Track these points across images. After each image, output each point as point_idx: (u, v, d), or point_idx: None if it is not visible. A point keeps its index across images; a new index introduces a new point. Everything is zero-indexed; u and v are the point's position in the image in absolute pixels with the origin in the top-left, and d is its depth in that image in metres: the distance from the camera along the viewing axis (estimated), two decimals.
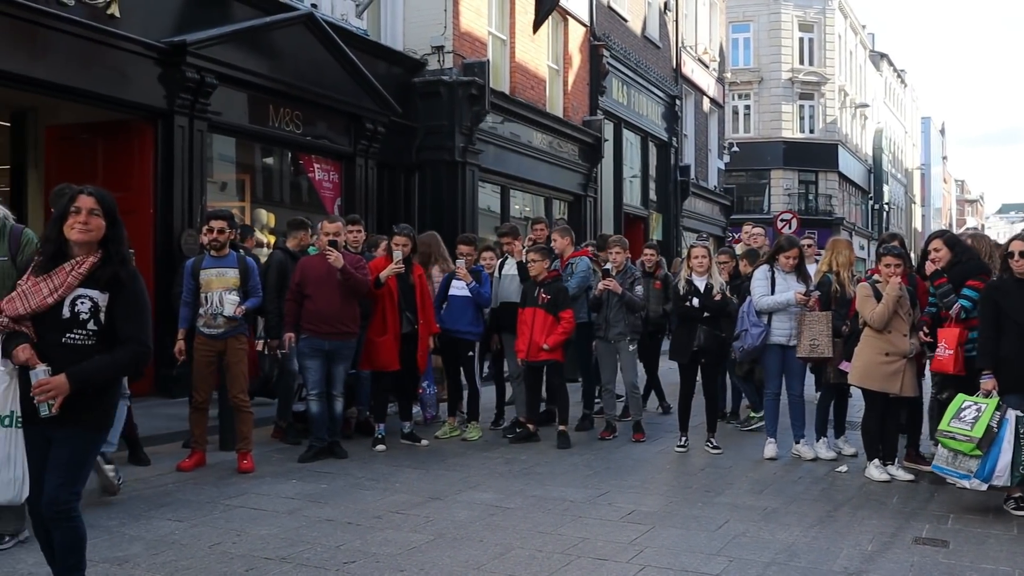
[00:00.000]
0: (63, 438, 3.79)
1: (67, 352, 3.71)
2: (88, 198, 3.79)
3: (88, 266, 3.76)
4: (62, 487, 3.79)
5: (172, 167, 10.62)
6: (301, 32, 12.33)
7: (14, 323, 3.75)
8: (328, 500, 6.48)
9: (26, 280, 3.78)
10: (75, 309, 3.74)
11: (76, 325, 3.74)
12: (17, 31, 9.02)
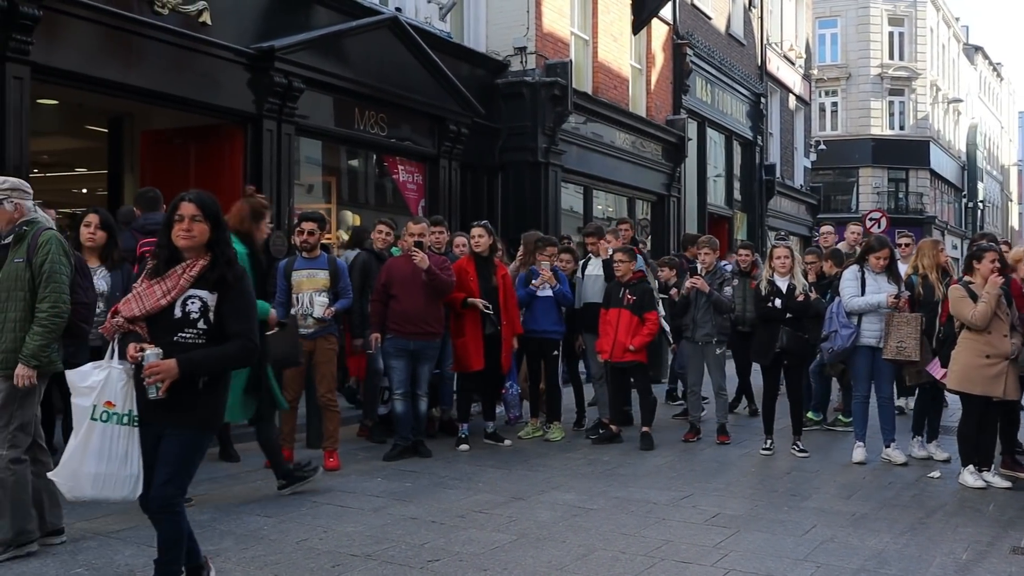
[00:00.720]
0: (173, 435, 3.92)
1: (178, 350, 3.84)
2: (190, 205, 3.91)
3: (198, 268, 3.90)
4: (168, 483, 3.92)
5: (261, 170, 10.84)
6: (385, 36, 12.48)
7: (128, 324, 3.88)
8: (412, 498, 6.55)
9: (140, 283, 3.93)
10: (186, 309, 3.87)
11: (187, 324, 3.87)
12: (115, 41, 9.32)
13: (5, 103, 8.28)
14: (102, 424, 3.96)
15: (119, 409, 3.96)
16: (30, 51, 8.40)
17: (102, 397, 3.97)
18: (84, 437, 3.97)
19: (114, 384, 3.97)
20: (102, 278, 6.49)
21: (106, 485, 3.98)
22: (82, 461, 3.97)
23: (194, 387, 3.90)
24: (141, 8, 9.53)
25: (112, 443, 3.96)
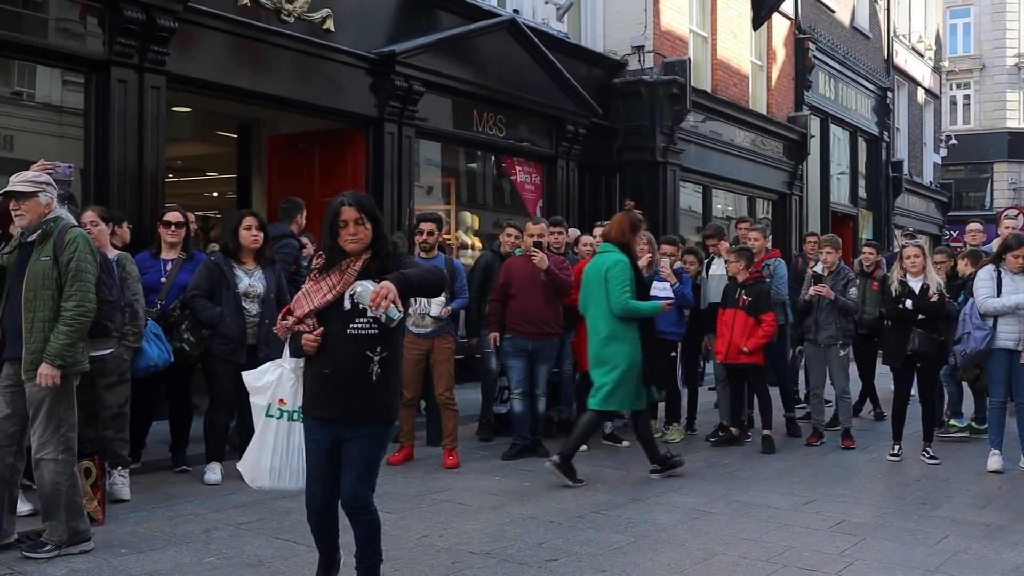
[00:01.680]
0: (356, 436, 4.04)
1: (351, 342, 3.97)
2: (351, 209, 3.99)
3: (361, 263, 4.02)
4: (359, 485, 4.06)
5: (382, 172, 11.07)
6: (504, 38, 12.58)
7: (297, 324, 4.02)
8: (531, 498, 6.58)
9: (307, 282, 4.09)
10: (355, 301, 3.95)
11: (358, 315, 3.96)
12: (244, 49, 9.66)
13: (143, 111, 8.67)
14: (276, 420, 4.18)
15: (290, 406, 4.16)
16: (166, 61, 8.78)
17: (276, 395, 4.18)
18: (261, 432, 4.22)
19: (285, 383, 4.16)
20: (259, 279, 6.71)
21: (281, 477, 4.21)
22: (260, 455, 4.21)
23: (370, 383, 3.99)
24: (269, 17, 9.85)
25: (286, 438, 4.18)
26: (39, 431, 4.95)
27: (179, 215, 7.12)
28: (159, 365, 6.46)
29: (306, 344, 3.97)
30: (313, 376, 4.04)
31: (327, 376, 3.98)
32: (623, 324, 7.02)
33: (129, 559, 4.99)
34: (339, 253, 4.03)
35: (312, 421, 4.08)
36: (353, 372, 3.97)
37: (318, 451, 4.08)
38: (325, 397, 4.00)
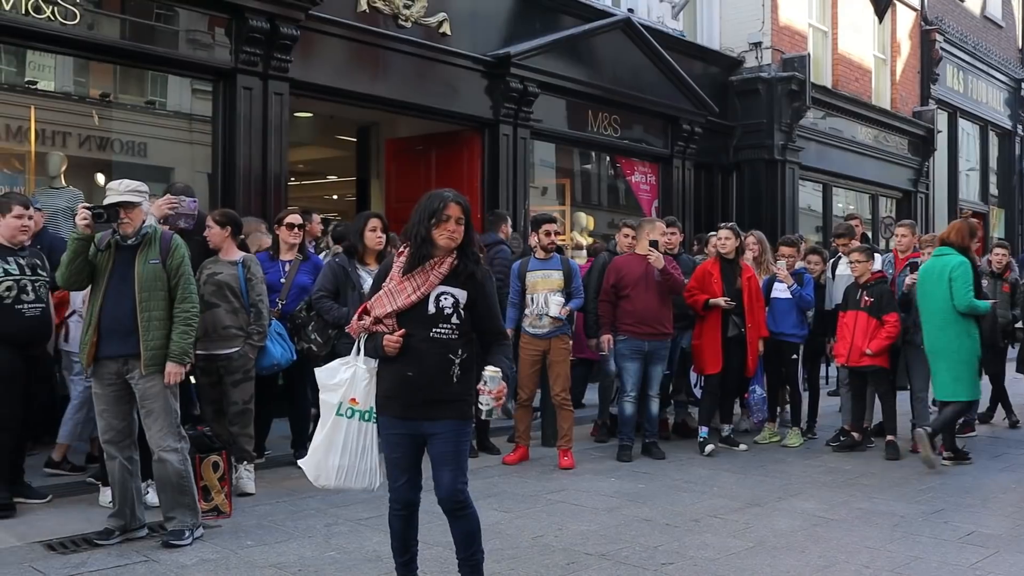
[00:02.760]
0: (443, 432, 4.01)
1: (434, 345, 3.95)
2: (456, 207, 3.97)
3: (447, 266, 3.97)
4: (456, 479, 4.03)
5: (497, 174, 11.17)
6: (618, 37, 12.53)
7: (375, 323, 3.98)
8: (646, 500, 6.53)
9: (390, 280, 4.00)
10: (439, 305, 3.96)
11: (441, 319, 3.95)
12: (362, 54, 9.89)
13: (267, 117, 8.96)
14: (346, 420, 4.11)
15: (361, 406, 4.10)
16: (289, 68, 9.06)
17: (348, 394, 4.11)
18: (330, 431, 4.14)
19: (359, 382, 4.09)
20: None
21: (348, 476, 4.15)
22: (327, 453, 4.14)
23: (452, 384, 3.98)
24: (386, 23, 10.06)
25: (354, 437, 4.12)
26: (158, 424, 5.17)
27: (298, 217, 7.31)
28: (282, 364, 6.65)
29: (388, 346, 3.93)
30: (394, 378, 4.00)
31: (409, 379, 3.96)
32: (963, 320, 7.47)
33: (254, 550, 5.16)
34: (429, 247, 3.96)
35: (390, 417, 4.06)
36: (436, 375, 3.95)
37: (401, 443, 4.06)
38: (406, 398, 3.98)
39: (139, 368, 5.11)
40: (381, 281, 4.06)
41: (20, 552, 5.03)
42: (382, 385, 4.06)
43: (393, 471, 4.10)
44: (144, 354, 5.09)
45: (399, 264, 4.04)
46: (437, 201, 3.98)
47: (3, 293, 5.60)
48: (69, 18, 7.82)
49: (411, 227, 4.02)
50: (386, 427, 4.08)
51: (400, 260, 4.05)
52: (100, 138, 8.94)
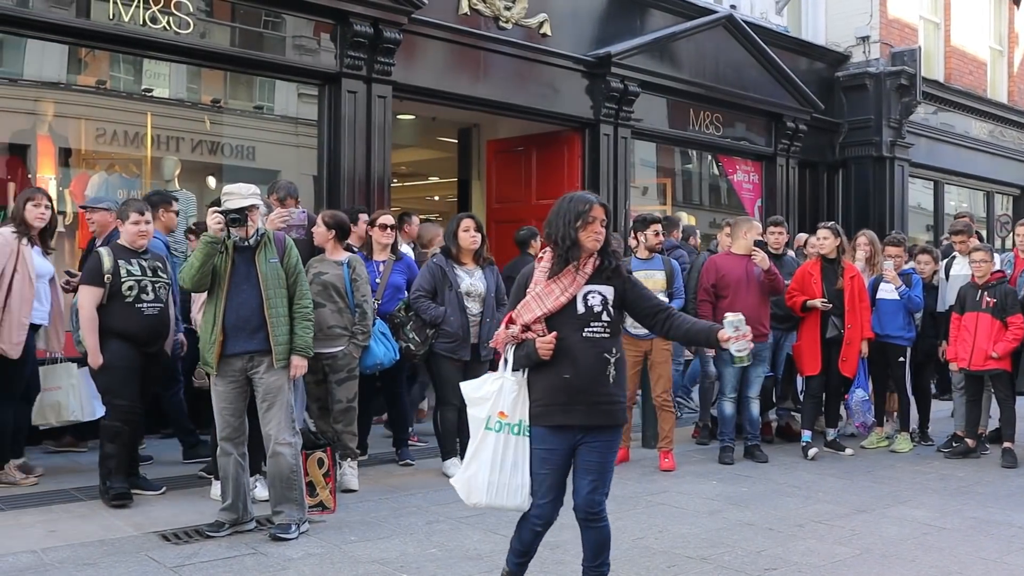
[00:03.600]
0: (593, 441, 3.95)
1: (588, 344, 3.90)
2: (601, 209, 3.96)
3: (591, 266, 3.95)
4: (595, 491, 3.97)
5: (598, 174, 11.14)
6: (720, 34, 12.37)
7: (524, 331, 3.93)
8: (748, 504, 6.43)
9: (534, 285, 3.96)
10: (588, 304, 3.92)
11: (592, 318, 3.91)
12: (464, 56, 9.99)
13: (371, 120, 9.12)
14: (495, 434, 4.00)
15: (510, 419, 3.98)
16: (392, 72, 9.20)
17: (495, 407, 4.00)
18: (479, 446, 4.05)
19: (507, 395, 3.98)
20: (479, 279, 6.92)
21: (499, 493, 4.01)
22: (477, 469, 4.03)
23: (608, 386, 3.92)
24: (487, 25, 10.14)
25: (504, 452, 3.99)
26: (277, 418, 5.32)
27: (390, 218, 7.42)
28: (384, 363, 6.76)
29: (542, 348, 3.85)
30: (550, 382, 3.91)
31: (567, 381, 3.87)
32: None
33: (358, 546, 5.25)
34: (577, 250, 3.91)
35: (545, 431, 3.94)
36: (593, 376, 3.89)
37: (553, 461, 3.95)
38: (565, 404, 3.89)
39: (267, 363, 5.28)
40: (522, 290, 4.03)
41: (137, 541, 5.23)
42: (537, 393, 3.96)
43: (540, 488, 3.98)
44: (275, 349, 5.28)
45: (542, 268, 3.99)
46: (582, 204, 3.95)
47: (125, 293, 5.84)
48: (183, 27, 8.10)
49: (555, 231, 3.96)
50: (539, 441, 3.96)
51: (542, 265, 4.01)
52: (211, 142, 9.24)
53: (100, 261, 5.85)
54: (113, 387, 5.88)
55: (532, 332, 3.92)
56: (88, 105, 8.56)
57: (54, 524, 5.49)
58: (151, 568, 4.77)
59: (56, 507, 5.87)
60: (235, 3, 8.50)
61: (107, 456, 5.90)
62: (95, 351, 5.83)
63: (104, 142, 8.66)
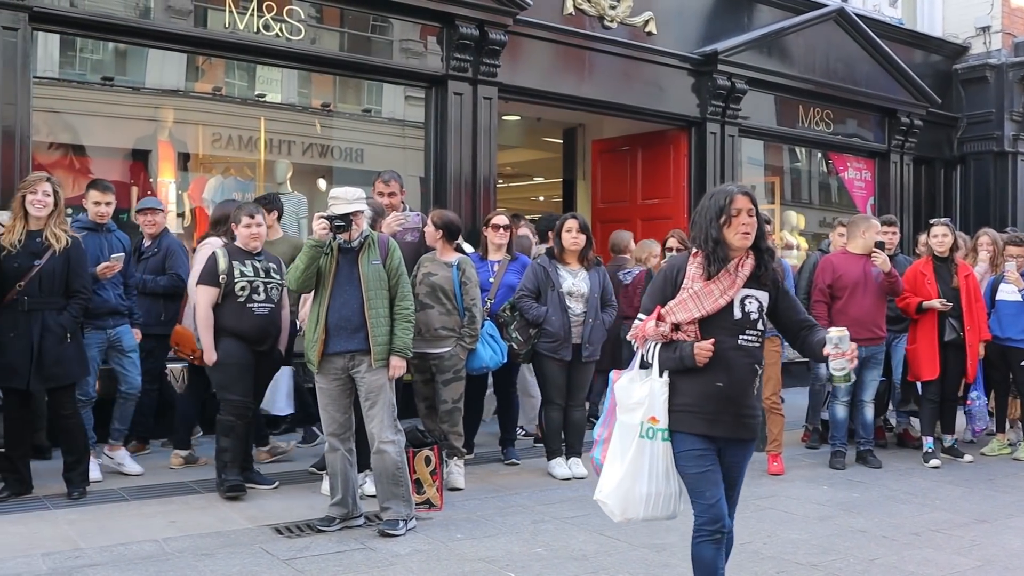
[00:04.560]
0: (738, 455, 3.80)
1: (742, 355, 3.67)
2: (744, 198, 3.65)
3: (749, 267, 3.67)
4: (735, 506, 3.87)
5: (704, 173, 11.01)
6: (831, 28, 12.08)
7: (674, 331, 3.69)
8: (861, 510, 6.26)
9: (692, 282, 3.67)
10: (745, 309, 3.67)
11: (748, 326, 3.67)
12: (569, 56, 9.99)
13: (476, 121, 9.20)
14: (648, 441, 3.72)
15: (662, 424, 3.70)
16: (497, 73, 9.26)
17: (647, 413, 3.72)
18: (634, 456, 3.73)
19: (657, 398, 3.70)
20: (583, 279, 6.91)
21: (655, 505, 3.75)
22: (633, 482, 3.73)
23: (751, 398, 3.73)
24: (592, 24, 10.12)
25: (659, 460, 3.72)
26: (379, 416, 5.42)
27: (504, 218, 7.45)
28: (490, 366, 6.80)
29: (700, 355, 3.60)
30: (700, 389, 3.65)
31: (719, 390, 3.63)
32: None
33: (464, 544, 5.30)
34: (723, 249, 3.63)
35: (687, 434, 3.68)
36: (744, 386, 3.68)
37: (710, 457, 3.71)
38: (712, 413, 3.65)
39: (367, 362, 5.38)
40: (668, 283, 3.75)
41: (251, 533, 5.39)
42: (682, 398, 3.68)
43: (700, 486, 3.70)
44: (374, 349, 5.37)
45: (697, 265, 3.70)
46: (722, 197, 3.66)
47: (238, 293, 6.03)
48: (294, 34, 8.31)
49: (698, 232, 3.71)
50: (688, 443, 3.70)
51: (698, 259, 3.70)
52: (321, 145, 9.46)
53: (216, 262, 6.05)
54: (226, 383, 6.09)
55: (683, 333, 3.67)
56: (205, 111, 8.88)
57: (174, 515, 5.70)
58: (265, 560, 4.91)
59: (176, 499, 6.09)
60: (344, 9, 8.68)
61: (222, 450, 6.09)
62: (210, 348, 6.04)
63: (220, 146, 8.96)
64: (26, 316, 5.80)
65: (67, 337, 5.91)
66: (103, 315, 6.49)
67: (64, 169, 8.06)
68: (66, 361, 5.92)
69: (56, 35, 7.78)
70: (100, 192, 6.59)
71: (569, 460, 7.00)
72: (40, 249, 5.83)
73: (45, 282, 5.83)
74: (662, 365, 3.69)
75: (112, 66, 8.48)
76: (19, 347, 5.78)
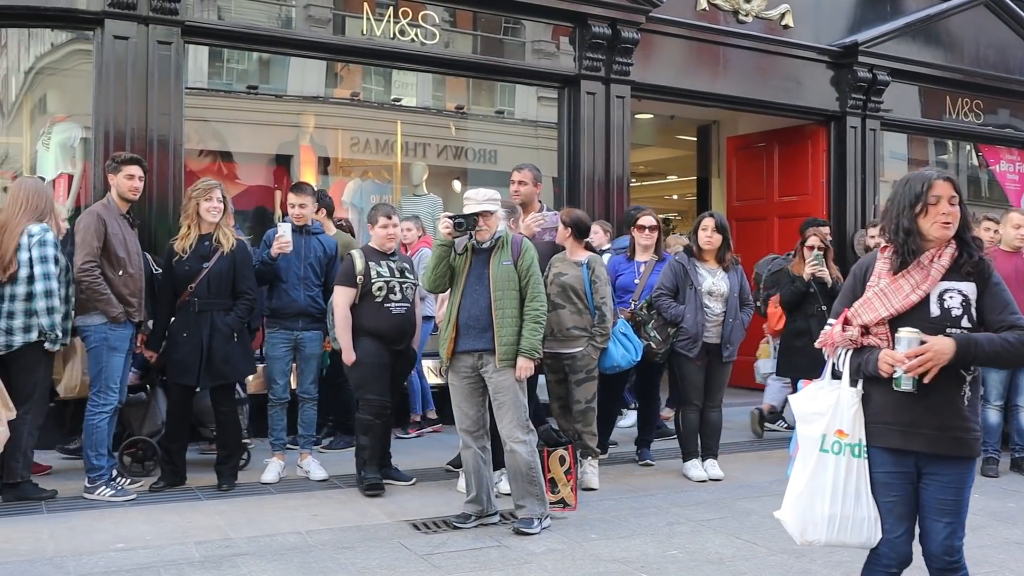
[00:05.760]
0: (945, 474, 3.33)
1: None
2: (945, 184, 3.29)
3: (948, 258, 3.30)
4: (953, 535, 3.35)
5: (844, 168, 10.71)
6: (981, 14, 11.55)
7: (864, 335, 3.37)
8: (1016, 521, 5.94)
9: (878, 279, 3.37)
10: (944, 305, 3.29)
11: (949, 323, 3.26)
12: (703, 52, 9.86)
13: (609, 120, 9.18)
14: (833, 456, 3.38)
15: (851, 438, 3.38)
16: (630, 71, 9.22)
17: (832, 425, 3.39)
18: (814, 472, 3.41)
19: (844, 409, 3.38)
20: (722, 279, 6.82)
21: (842, 527, 3.40)
22: (813, 500, 3.41)
23: (960, 408, 3.29)
24: (727, 19, 9.97)
25: (846, 479, 3.38)
26: (508, 416, 5.45)
27: (653, 219, 7.40)
28: (622, 366, 6.75)
29: (884, 363, 3.23)
30: (892, 398, 3.28)
31: (913, 399, 3.24)
32: None
33: (599, 544, 5.29)
34: (916, 240, 3.29)
35: (881, 452, 3.35)
36: (943, 394, 3.25)
37: (899, 487, 3.35)
38: (907, 425, 3.29)
39: (493, 362, 5.42)
40: (858, 283, 3.47)
41: (389, 528, 5.51)
42: (872, 409, 3.36)
43: (888, 519, 3.37)
44: (499, 349, 5.41)
45: (885, 258, 3.39)
46: (919, 183, 3.31)
47: (375, 293, 6.17)
48: (429, 38, 8.46)
49: (889, 222, 3.38)
50: (877, 464, 3.37)
51: (886, 254, 3.40)
52: (456, 147, 9.61)
53: (353, 263, 6.21)
54: (364, 382, 6.23)
55: (873, 337, 3.34)
56: (344, 116, 9.14)
57: (316, 509, 5.88)
58: (403, 555, 5.01)
59: (318, 493, 6.28)
60: (477, 12, 8.79)
61: (361, 447, 6.25)
62: (348, 348, 6.20)
63: (358, 150, 9.21)
64: (196, 317, 6.12)
65: (234, 336, 6.20)
66: (291, 316, 6.59)
67: (213, 175, 8.41)
68: (233, 359, 6.22)
69: (205, 47, 8.14)
70: (294, 195, 6.75)
71: (705, 462, 6.90)
72: (209, 252, 6.15)
73: (213, 284, 6.13)
74: (853, 374, 3.40)
75: (256, 75, 8.82)
76: (190, 346, 6.11)
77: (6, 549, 4.94)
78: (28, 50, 7.91)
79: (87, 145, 7.56)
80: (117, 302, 5.93)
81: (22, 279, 5.77)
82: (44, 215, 5.89)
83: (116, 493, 5.94)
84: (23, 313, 5.77)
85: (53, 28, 7.71)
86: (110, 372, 5.99)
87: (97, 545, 5.05)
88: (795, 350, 7.57)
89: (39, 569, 4.67)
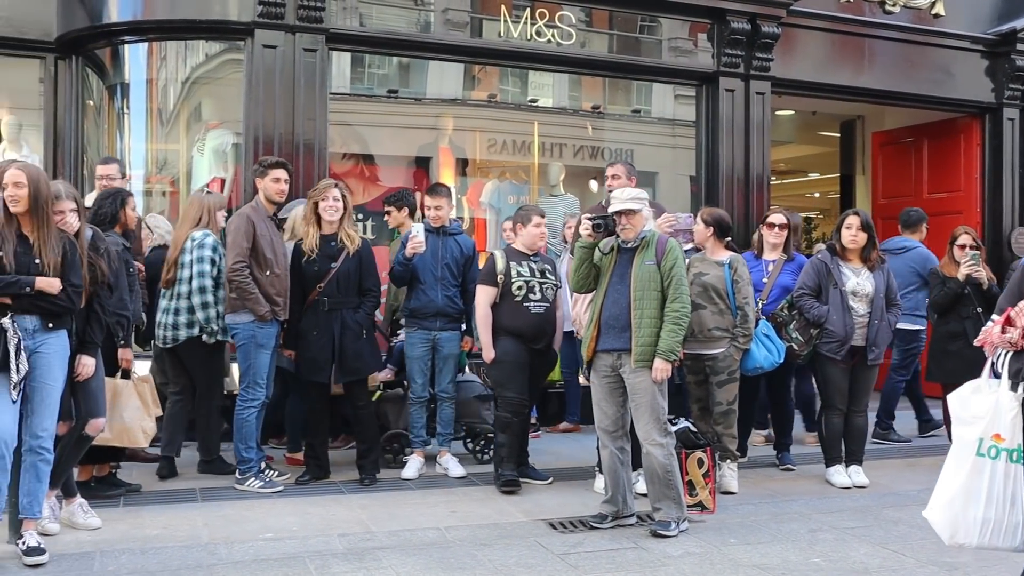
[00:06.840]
0: None
1: None
2: None
3: None
4: None
5: (1000, 163, 10.20)
6: None
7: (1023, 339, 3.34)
8: None
9: None
10: None
11: None
12: (845, 46, 9.57)
13: (749, 118, 9.01)
14: (990, 461, 3.39)
15: (1008, 444, 3.38)
16: (770, 67, 9.03)
17: (990, 429, 3.40)
18: (968, 475, 3.44)
19: (1003, 413, 3.38)
20: (867, 279, 6.60)
21: (994, 532, 3.43)
22: (966, 503, 3.44)
23: None
24: (872, 10, 9.65)
25: (1004, 484, 3.40)
26: (644, 418, 5.40)
27: (783, 217, 7.23)
28: (765, 367, 6.60)
29: None
30: None
31: None
32: None
33: (737, 549, 5.19)
34: None
35: None
36: None
37: None
38: None
39: (630, 363, 5.39)
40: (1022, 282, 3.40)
41: (526, 527, 5.54)
42: None
43: None
44: (635, 349, 5.36)
45: None
46: None
47: (515, 292, 6.24)
48: (565, 38, 8.48)
49: None
50: None
51: None
52: (592, 147, 9.60)
53: (494, 263, 6.29)
54: (503, 380, 6.30)
55: None
56: (481, 118, 9.27)
57: (455, 505, 5.97)
58: (540, 553, 5.03)
59: (457, 490, 6.37)
60: (613, 11, 8.76)
61: (499, 445, 6.32)
62: (488, 347, 6.28)
63: (495, 151, 9.31)
64: (327, 315, 6.30)
65: (363, 333, 6.37)
66: (429, 316, 6.67)
67: (355, 177, 8.67)
68: (364, 356, 6.39)
69: (348, 53, 8.38)
70: (430, 197, 6.86)
71: (849, 468, 6.68)
72: (335, 252, 6.32)
73: (342, 283, 6.31)
74: (1014, 377, 3.33)
75: (396, 79, 9.03)
76: (322, 344, 6.29)
77: (165, 535, 5.20)
78: (184, 61, 8.32)
79: (238, 150, 7.89)
80: (264, 301, 6.17)
81: (184, 279, 6.27)
82: (206, 222, 6.37)
83: (264, 485, 6.18)
84: (187, 311, 6.30)
85: (207, 39, 8.09)
86: (257, 368, 6.25)
87: (247, 534, 5.26)
88: (949, 354, 7.27)
89: (195, 555, 4.90)
